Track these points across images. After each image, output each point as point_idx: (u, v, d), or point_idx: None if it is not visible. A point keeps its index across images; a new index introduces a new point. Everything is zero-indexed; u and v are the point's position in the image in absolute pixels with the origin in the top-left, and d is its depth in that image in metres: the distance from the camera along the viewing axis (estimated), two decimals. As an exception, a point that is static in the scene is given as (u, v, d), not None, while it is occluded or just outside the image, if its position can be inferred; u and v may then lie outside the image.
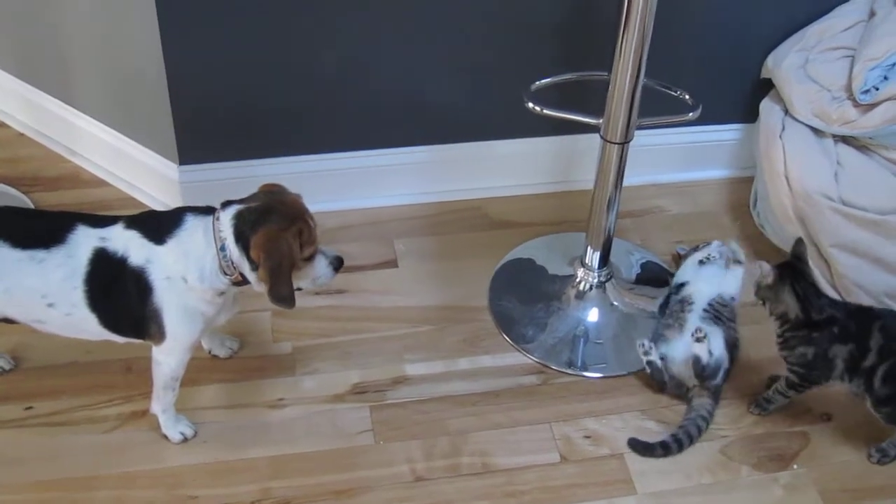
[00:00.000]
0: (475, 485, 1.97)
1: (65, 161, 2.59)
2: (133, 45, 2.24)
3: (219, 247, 1.76)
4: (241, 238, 1.75)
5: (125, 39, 2.25)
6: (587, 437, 2.07)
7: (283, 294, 1.77)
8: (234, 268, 1.78)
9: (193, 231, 1.79)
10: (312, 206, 2.42)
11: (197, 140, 2.35)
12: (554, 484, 1.98)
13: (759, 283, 2.01)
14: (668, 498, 1.97)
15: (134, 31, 2.20)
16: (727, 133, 2.60)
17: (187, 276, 1.77)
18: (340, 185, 2.47)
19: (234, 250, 1.76)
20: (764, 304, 2.02)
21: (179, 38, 2.17)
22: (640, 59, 1.97)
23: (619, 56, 1.97)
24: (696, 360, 2.05)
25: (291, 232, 1.76)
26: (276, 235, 1.74)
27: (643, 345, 2.11)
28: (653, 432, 2.07)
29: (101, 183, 2.54)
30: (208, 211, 1.81)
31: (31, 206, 2.43)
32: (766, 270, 1.98)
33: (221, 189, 2.36)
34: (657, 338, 2.16)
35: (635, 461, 2.02)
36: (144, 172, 2.45)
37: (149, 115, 2.33)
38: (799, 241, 2.02)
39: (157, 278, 1.78)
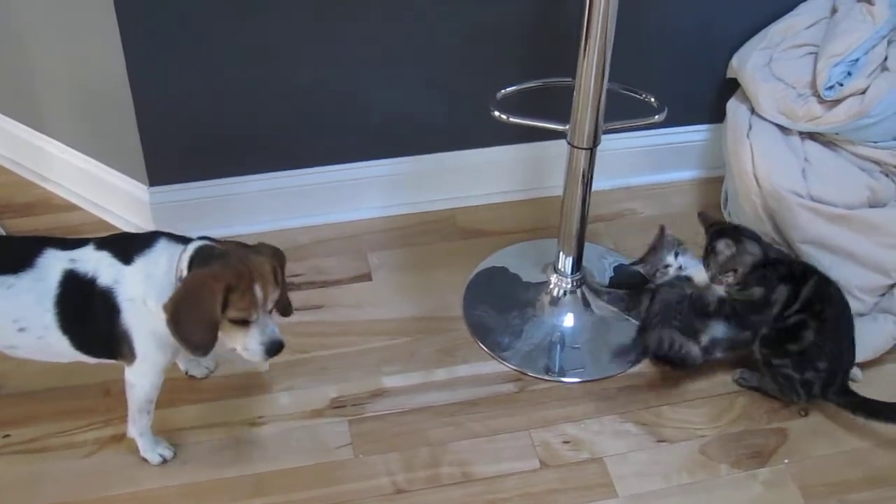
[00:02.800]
0: (456, 494, 1.97)
1: (35, 187, 2.58)
2: (98, 68, 2.23)
3: (178, 278, 1.76)
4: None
5: (89, 62, 2.25)
6: (566, 442, 2.07)
7: (185, 336, 1.73)
8: None
9: (160, 255, 1.78)
10: (285, 223, 2.46)
11: (166, 161, 2.34)
12: (534, 490, 1.98)
13: (722, 259, 2.09)
14: (649, 500, 1.97)
15: (98, 53, 2.20)
16: (695, 134, 2.61)
17: (147, 300, 1.77)
18: (312, 200, 2.47)
19: None
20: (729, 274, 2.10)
21: (144, 60, 2.17)
22: (604, 64, 1.98)
23: (583, 61, 1.98)
24: None
25: (217, 284, 1.70)
26: (198, 280, 1.72)
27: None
28: (631, 435, 2.08)
29: (73, 207, 2.53)
30: (183, 241, 1.80)
31: (2, 233, 2.43)
32: (723, 244, 2.09)
33: (193, 209, 2.38)
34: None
35: (615, 464, 2.03)
36: (115, 195, 2.45)
37: (117, 138, 2.33)
38: (699, 214, 2.21)
39: (123, 299, 1.77)
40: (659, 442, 2.08)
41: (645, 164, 2.63)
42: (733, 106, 2.40)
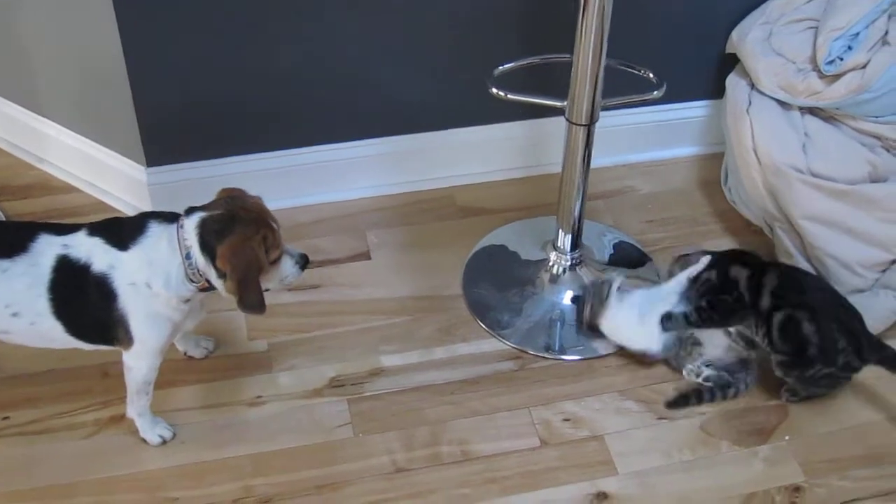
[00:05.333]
0: (456, 473, 1.97)
1: (33, 169, 2.57)
2: (93, 48, 2.22)
3: (184, 255, 1.75)
4: (207, 247, 1.74)
5: (85, 43, 2.24)
6: (566, 420, 2.07)
7: (252, 302, 1.76)
8: (201, 275, 1.77)
9: (157, 239, 1.78)
10: (283, 203, 2.44)
11: (163, 141, 2.33)
12: (534, 468, 1.98)
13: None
14: (650, 476, 1.97)
15: (93, 33, 2.18)
16: (695, 110, 2.59)
17: (151, 283, 1.76)
18: (310, 179, 2.46)
19: (199, 259, 1.75)
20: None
21: (139, 40, 2.16)
22: (602, 40, 1.96)
23: (581, 37, 1.96)
24: None
25: (256, 240, 1.75)
26: (241, 246, 1.74)
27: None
28: (632, 412, 2.08)
29: (71, 189, 2.52)
30: (172, 218, 1.80)
31: (1, 216, 2.42)
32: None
33: (191, 190, 2.34)
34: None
35: (615, 442, 2.03)
36: (113, 176, 2.43)
37: (114, 119, 2.32)
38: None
39: (120, 284, 1.77)
40: (659, 419, 2.07)
41: (645, 141, 2.61)
42: (733, 81, 2.38)
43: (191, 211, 1.79)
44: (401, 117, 2.44)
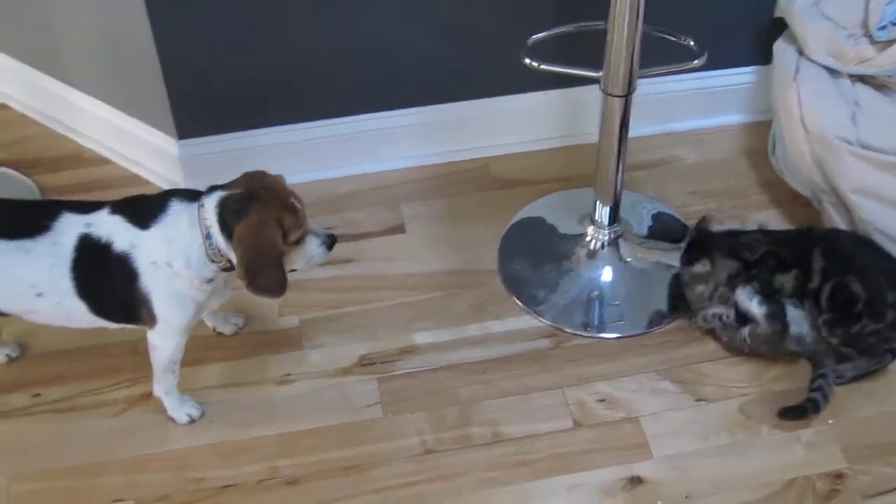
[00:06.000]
0: (486, 455, 1.93)
1: (67, 141, 2.56)
2: (121, 20, 2.18)
3: (204, 235, 1.72)
4: (226, 227, 1.70)
5: (113, 14, 2.20)
6: (601, 400, 2.01)
7: (265, 286, 1.73)
8: (222, 255, 1.73)
9: (178, 218, 1.75)
10: (317, 175, 2.41)
11: (194, 114, 2.30)
12: (567, 451, 1.93)
13: (692, 278, 2.09)
14: (685, 460, 1.92)
15: (121, 4, 2.15)
16: (742, 76, 2.49)
17: (173, 263, 1.74)
18: (344, 150, 2.42)
19: (219, 239, 1.72)
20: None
21: (167, 10, 2.11)
22: (638, 5, 1.87)
23: (616, 3, 1.88)
24: None
25: (273, 221, 1.70)
26: (256, 227, 1.69)
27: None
28: (669, 393, 2.02)
29: (104, 161, 2.50)
30: (194, 196, 1.76)
31: (34, 189, 2.41)
32: (699, 265, 2.07)
33: (223, 162, 2.33)
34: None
35: (651, 424, 1.97)
36: (145, 149, 2.41)
37: (144, 91, 2.29)
38: (701, 220, 2.14)
39: (142, 263, 1.74)
40: (697, 401, 2.01)
41: (689, 109, 2.52)
42: (780, 47, 2.28)
43: (212, 190, 1.75)
44: (436, 86, 2.38)
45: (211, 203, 1.73)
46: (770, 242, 2.06)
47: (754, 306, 2.01)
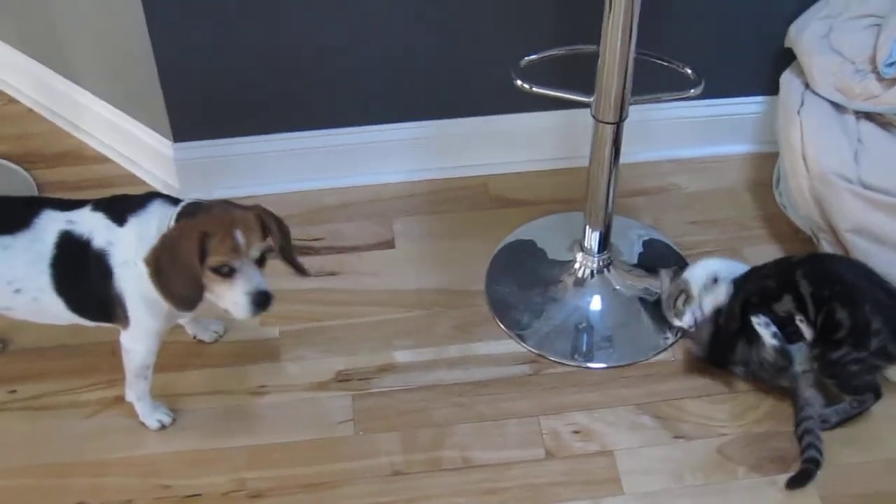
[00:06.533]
0: (454, 480, 1.90)
1: (70, 137, 2.57)
2: (119, 21, 2.18)
3: None
4: None
5: (113, 15, 2.20)
6: (576, 432, 1.97)
7: (166, 289, 1.69)
8: None
9: (151, 217, 1.74)
10: (310, 184, 2.40)
11: (190, 117, 2.29)
12: (537, 482, 1.89)
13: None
14: (657, 499, 1.87)
15: (120, 5, 2.14)
16: (750, 106, 2.43)
17: (138, 261, 1.72)
18: (339, 162, 2.39)
19: None
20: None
21: (164, 14, 2.11)
22: (630, 28, 1.82)
23: (608, 26, 1.83)
24: None
25: (193, 233, 1.66)
26: (178, 230, 1.68)
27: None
28: (646, 428, 1.97)
29: (104, 159, 2.51)
30: (176, 203, 1.76)
31: (32, 183, 2.42)
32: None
33: (218, 167, 2.34)
34: None
35: (625, 459, 1.92)
36: (143, 149, 2.41)
37: (142, 92, 2.28)
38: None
39: (116, 262, 1.74)
40: (675, 438, 1.96)
41: (694, 136, 2.46)
42: (787, 79, 2.22)
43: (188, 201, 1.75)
44: (436, 101, 2.36)
45: (176, 210, 1.72)
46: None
47: (767, 336, 1.96)
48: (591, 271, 2.18)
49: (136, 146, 2.42)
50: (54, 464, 1.93)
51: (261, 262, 1.74)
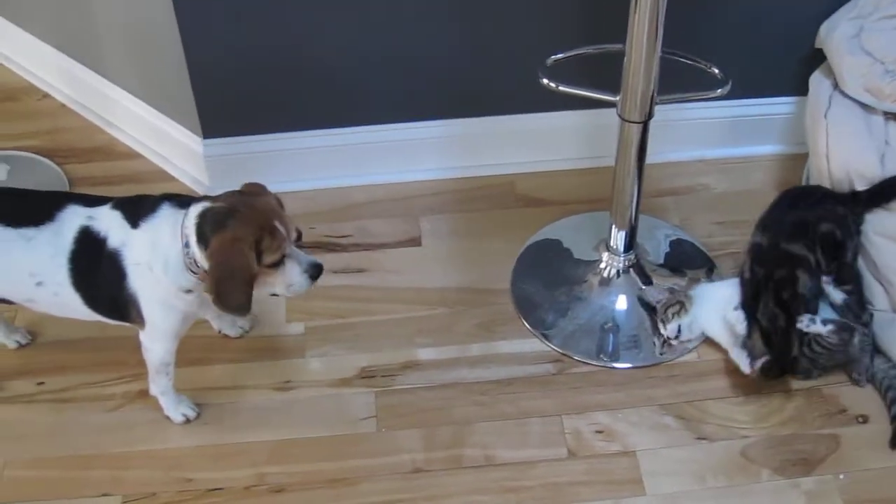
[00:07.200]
0: (474, 478, 1.90)
1: (101, 133, 2.59)
2: (151, 19, 2.20)
3: (184, 243, 1.71)
4: (203, 239, 1.69)
5: (143, 12, 2.22)
6: (599, 431, 1.96)
7: (230, 304, 1.70)
8: (198, 266, 1.71)
9: (163, 221, 1.74)
10: (338, 181, 2.41)
11: (220, 114, 2.31)
12: (558, 481, 1.89)
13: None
14: (679, 500, 1.86)
15: (150, 3, 2.16)
16: (781, 106, 2.41)
17: (153, 266, 1.73)
18: (367, 159, 2.40)
19: (196, 249, 1.70)
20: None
21: (194, 11, 2.12)
22: (656, 27, 1.81)
23: (634, 25, 1.82)
24: None
25: (247, 240, 1.66)
26: (229, 244, 1.66)
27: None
28: (670, 429, 1.96)
29: (135, 155, 2.53)
30: (187, 203, 1.75)
31: (64, 178, 2.45)
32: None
33: (247, 163, 2.35)
34: None
35: (647, 460, 1.91)
36: (173, 146, 2.43)
37: (173, 89, 2.30)
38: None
39: (129, 263, 1.75)
40: (698, 439, 1.95)
41: (723, 136, 2.45)
42: (816, 80, 2.20)
43: (200, 200, 1.75)
44: (465, 99, 2.35)
45: (194, 213, 1.71)
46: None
47: (821, 329, 1.93)
48: (618, 271, 2.18)
49: (167, 142, 2.44)
50: (79, 455, 1.95)
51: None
